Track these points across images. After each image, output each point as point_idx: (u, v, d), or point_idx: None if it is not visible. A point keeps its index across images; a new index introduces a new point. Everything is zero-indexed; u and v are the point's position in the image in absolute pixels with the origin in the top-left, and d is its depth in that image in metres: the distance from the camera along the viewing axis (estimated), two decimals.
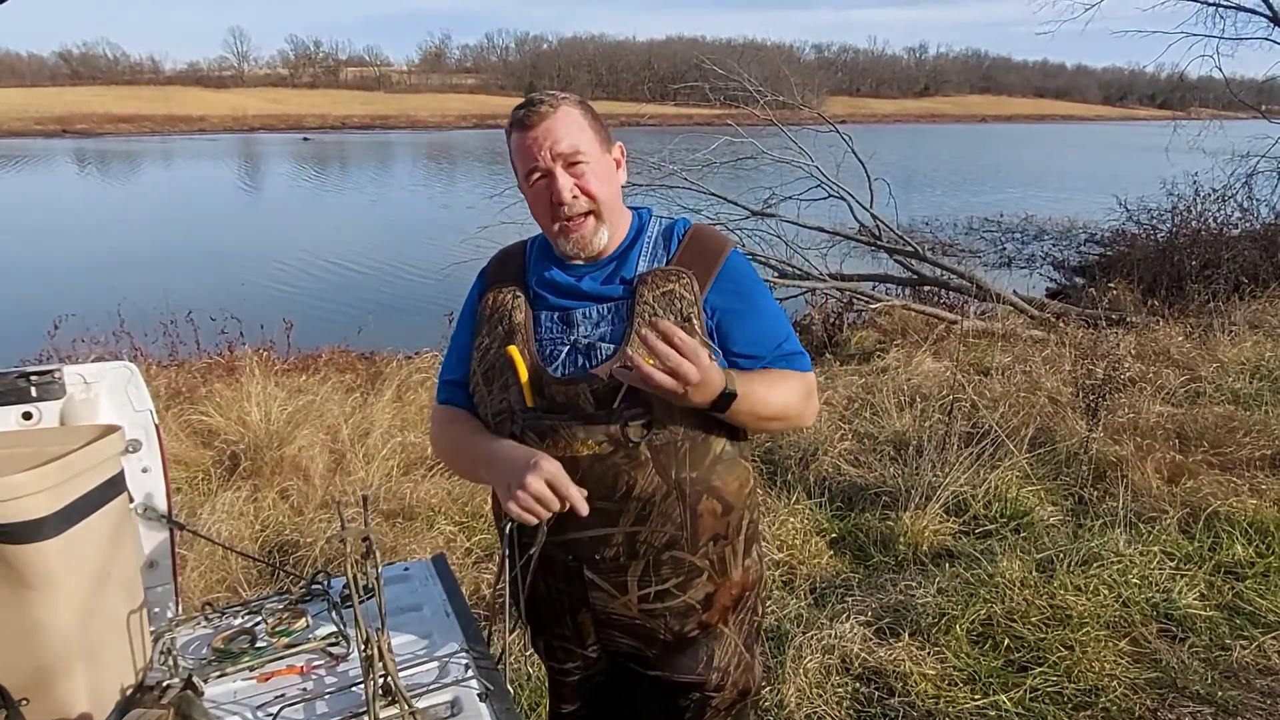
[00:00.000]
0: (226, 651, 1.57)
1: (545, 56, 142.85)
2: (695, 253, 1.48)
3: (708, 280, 1.45)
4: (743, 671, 1.63)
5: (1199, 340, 6.85)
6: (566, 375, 1.43)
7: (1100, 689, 2.69)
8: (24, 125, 58.23)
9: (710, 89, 9.93)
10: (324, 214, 22.80)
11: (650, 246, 1.51)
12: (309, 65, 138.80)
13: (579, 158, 1.42)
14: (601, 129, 1.48)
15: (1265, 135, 11.45)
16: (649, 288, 1.44)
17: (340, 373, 6.64)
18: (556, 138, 1.41)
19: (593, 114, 1.49)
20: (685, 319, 1.41)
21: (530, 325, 1.48)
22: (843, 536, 3.87)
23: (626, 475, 1.41)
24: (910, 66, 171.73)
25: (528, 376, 1.43)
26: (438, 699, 1.41)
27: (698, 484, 1.45)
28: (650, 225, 1.55)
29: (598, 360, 1.42)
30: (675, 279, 1.44)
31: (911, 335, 7.89)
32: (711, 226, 1.62)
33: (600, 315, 1.46)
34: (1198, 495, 4.00)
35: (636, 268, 1.48)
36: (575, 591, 1.54)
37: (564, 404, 1.41)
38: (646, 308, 1.42)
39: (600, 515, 1.43)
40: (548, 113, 1.41)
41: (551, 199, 1.43)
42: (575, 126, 1.43)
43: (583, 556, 1.49)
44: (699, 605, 1.53)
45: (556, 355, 1.45)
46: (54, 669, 1.26)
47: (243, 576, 3.44)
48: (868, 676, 2.77)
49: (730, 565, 1.55)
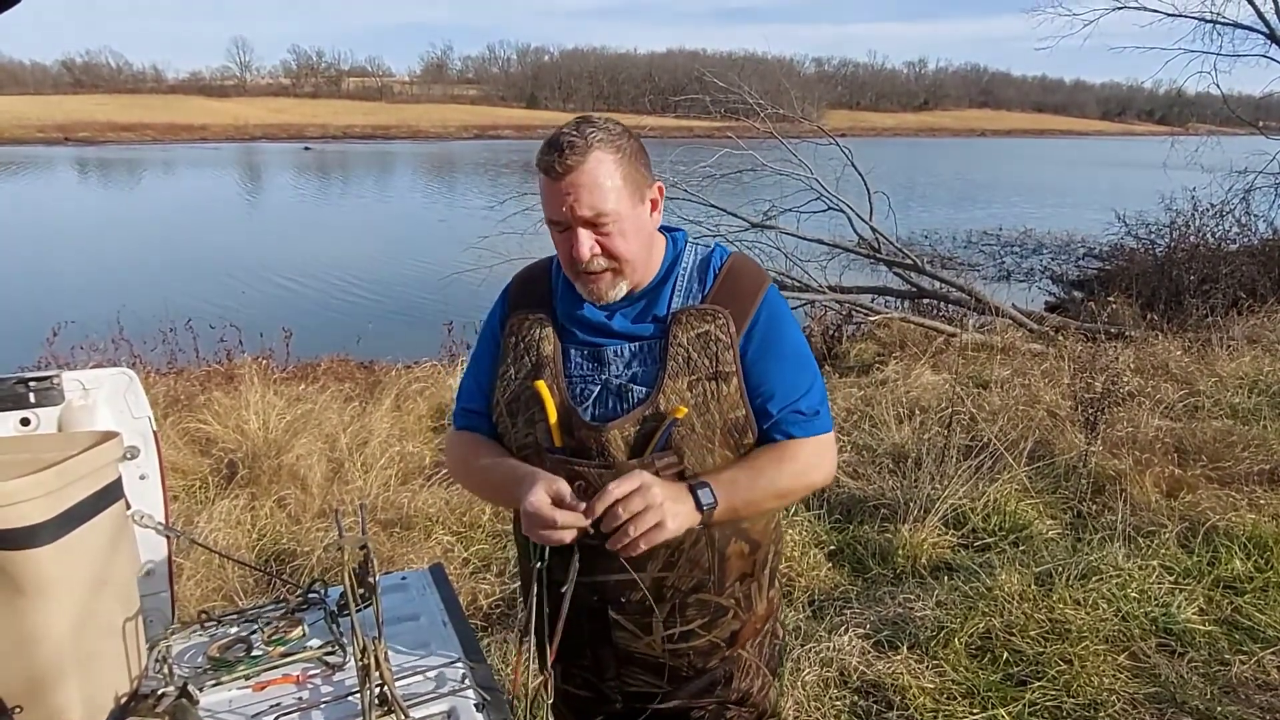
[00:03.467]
0: (222, 660, 1.56)
1: (547, 68, 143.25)
2: (732, 290, 1.40)
3: (744, 321, 1.38)
4: (762, 692, 1.59)
5: (1197, 355, 6.86)
6: (597, 418, 1.37)
7: (1099, 703, 2.68)
8: (27, 133, 58.39)
9: (711, 101, 9.99)
10: (324, 223, 22.86)
11: (685, 280, 1.43)
12: (311, 75, 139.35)
13: (603, 220, 1.32)
14: (638, 170, 1.36)
15: (1263, 151, 11.51)
16: (683, 328, 1.37)
17: (339, 382, 6.63)
18: (579, 198, 1.30)
19: (631, 151, 1.35)
20: (718, 364, 1.35)
21: (559, 359, 1.41)
22: (841, 549, 3.86)
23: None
24: (910, 81, 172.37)
25: (556, 417, 1.38)
26: (434, 709, 1.40)
27: (726, 527, 1.41)
28: (685, 256, 1.45)
29: (630, 403, 1.36)
30: (711, 319, 1.37)
31: (910, 348, 7.90)
32: (748, 259, 1.50)
33: (632, 354, 1.39)
34: (1196, 509, 4.00)
35: (670, 304, 1.40)
36: (598, 629, 1.50)
37: (595, 450, 1.36)
38: (680, 350, 1.36)
39: (629, 560, 1.38)
40: (575, 164, 1.29)
41: (571, 252, 1.35)
42: (603, 181, 1.30)
43: (608, 598, 1.45)
44: (724, 642, 1.51)
45: (587, 395, 1.39)
46: (48, 677, 1.25)
47: (239, 586, 3.42)
48: (866, 689, 2.76)
49: (755, 600, 1.52)
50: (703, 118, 11.06)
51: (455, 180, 36.52)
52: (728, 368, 1.35)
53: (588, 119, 1.35)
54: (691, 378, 1.35)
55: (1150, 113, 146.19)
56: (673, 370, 1.35)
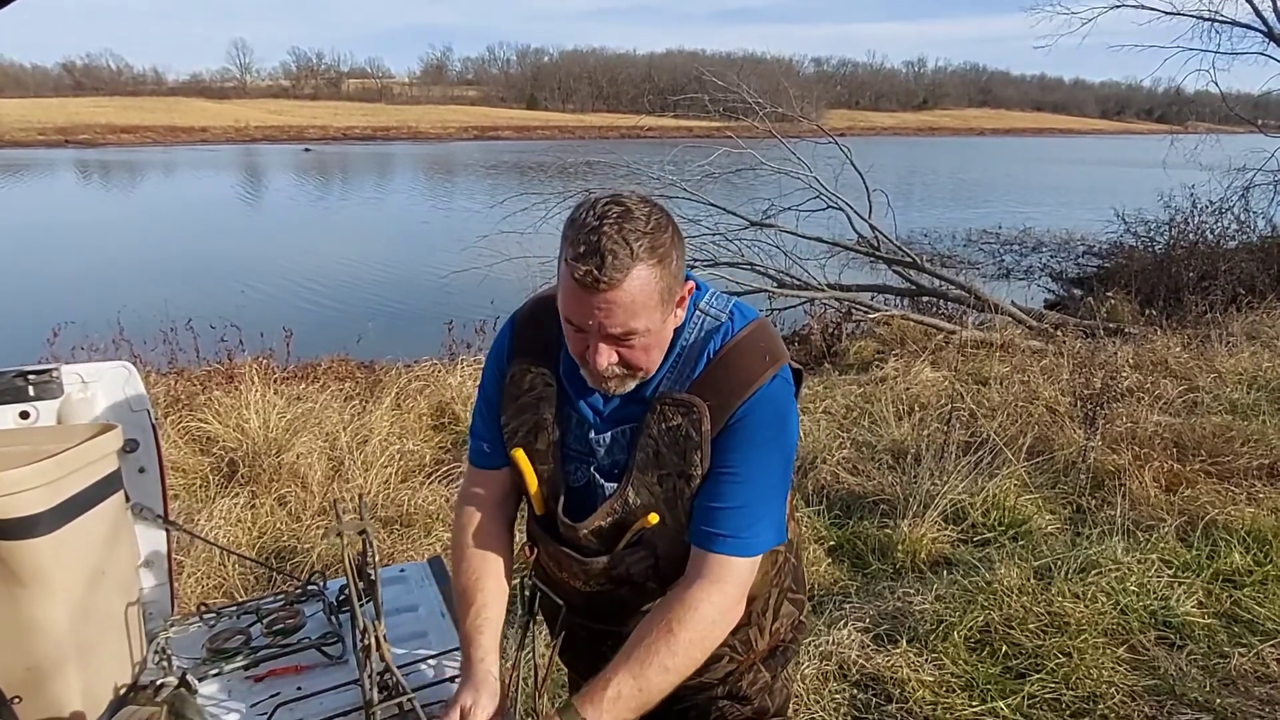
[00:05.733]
0: (221, 651, 1.56)
1: (546, 69, 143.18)
2: (719, 380, 1.26)
3: (721, 419, 1.25)
4: (759, 690, 1.56)
5: (1196, 351, 6.87)
6: (572, 513, 1.35)
7: (1098, 696, 2.68)
8: (27, 135, 58.31)
9: (710, 101, 9.98)
10: (325, 224, 22.85)
11: (678, 360, 1.29)
12: (311, 77, 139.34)
13: (631, 338, 1.20)
14: (676, 277, 1.21)
15: (1261, 149, 11.53)
16: (657, 418, 1.26)
17: (339, 381, 6.62)
18: (611, 316, 1.17)
19: (674, 255, 1.20)
20: (684, 463, 1.26)
21: (557, 426, 1.35)
22: (841, 544, 3.87)
23: (633, 603, 1.38)
24: (909, 80, 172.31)
25: (535, 488, 1.37)
26: (434, 696, 1.40)
27: None
28: (687, 329, 1.31)
29: (602, 495, 1.32)
30: (685, 414, 1.25)
31: (910, 345, 7.90)
32: (759, 337, 1.30)
33: (613, 440, 1.32)
34: (1195, 504, 4.00)
35: (657, 386, 1.29)
36: (590, 653, 1.49)
37: (568, 539, 1.36)
38: (650, 443, 1.27)
39: (610, 620, 1.41)
40: (615, 282, 1.14)
41: (584, 355, 1.24)
42: (641, 300, 1.17)
43: (596, 638, 1.46)
44: (718, 682, 1.50)
45: (579, 478, 1.36)
46: (47, 667, 1.26)
47: (239, 582, 3.43)
48: (865, 683, 2.76)
49: (755, 640, 1.50)
50: (702, 118, 11.03)
51: (455, 181, 36.54)
52: (694, 470, 1.26)
53: (630, 213, 1.16)
54: (661, 473, 1.27)
55: (1149, 111, 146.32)
56: (641, 463, 1.28)
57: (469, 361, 6.68)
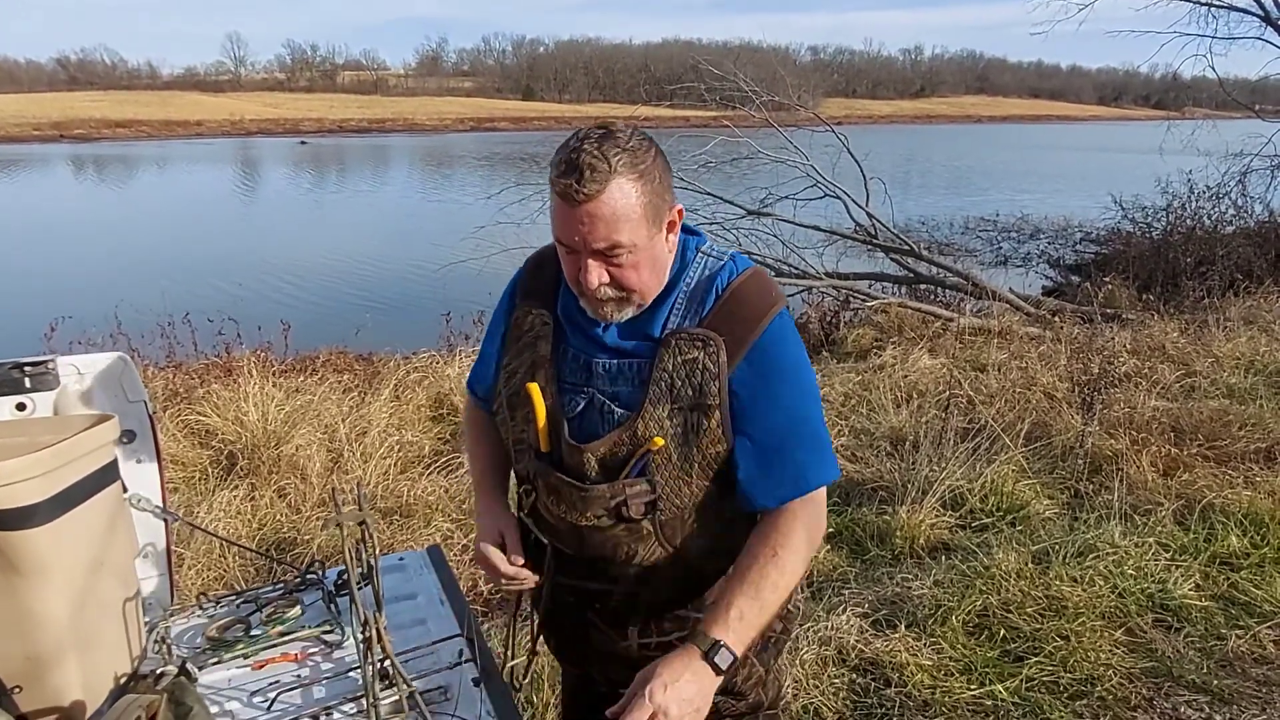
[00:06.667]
0: (221, 640, 1.57)
1: (542, 60, 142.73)
2: (731, 315, 1.29)
3: (739, 352, 1.28)
4: (753, 684, 1.55)
5: (1194, 336, 6.88)
6: (578, 435, 1.34)
7: (1096, 678, 2.70)
8: (22, 131, 58.11)
9: (706, 90, 9.95)
10: (321, 217, 22.80)
11: (685, 299, 1.32)
12: (306, 69, 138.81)
13: (617, 252, 1.23)
14: (660, 195, 1.25)
15: (1259, 134, 11.50)
16: (671, 353, 1.28)
17: (338, 373, 6.62)
18: (594, 230, 1.21)
19: (657, 173, 1.24)
20: (702, 395, 1.27)
21: (554, 362, 1.37)
22: (840, 531, 3.88)
23: (627, 546, 1.35)
24: (906, 68, 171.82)
25: (544, 422, 1.36)
26: (433, 683, 1.41)
27: (704, 549, 1.37)
28: (691, 269, 1.35)
29: (610, 423, 1.31)
30: (701, 346, 1.27)
31: (908, 333, 7.91)
32: (762, 278, 1.36)
33: (619, 371, 1.33)
34: (1193, 488, 4.01)
35: (665, 324, 1.31)
36: (577, 627, 1.50)
37: (572, 467, 1.34)
38: (665, 375, 1.28)
39: (600, 575, 1.40)
40: (594, 193, 1.18)
41: (578, 276, 1.27)
42: (622, 212, 1.20)
43: (584, 603, 1.45)
44: None
45: (574, 406, 1.35)
46: (47, 657, 1.26)
47: (240, 574, 3.44)
48: (864, 667, 2.77)
49: None
50: (698, 107, 10.98)
51: (452, 172, 36.46)
52: (711, 400, 1.27)
53: (611, 133, 1.22)
54: (673, 406, 1.28)
55: (1146, 97, 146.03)
56: (655, 396, 1.28)
57: (467, 352, 6.68)
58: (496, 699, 1.38)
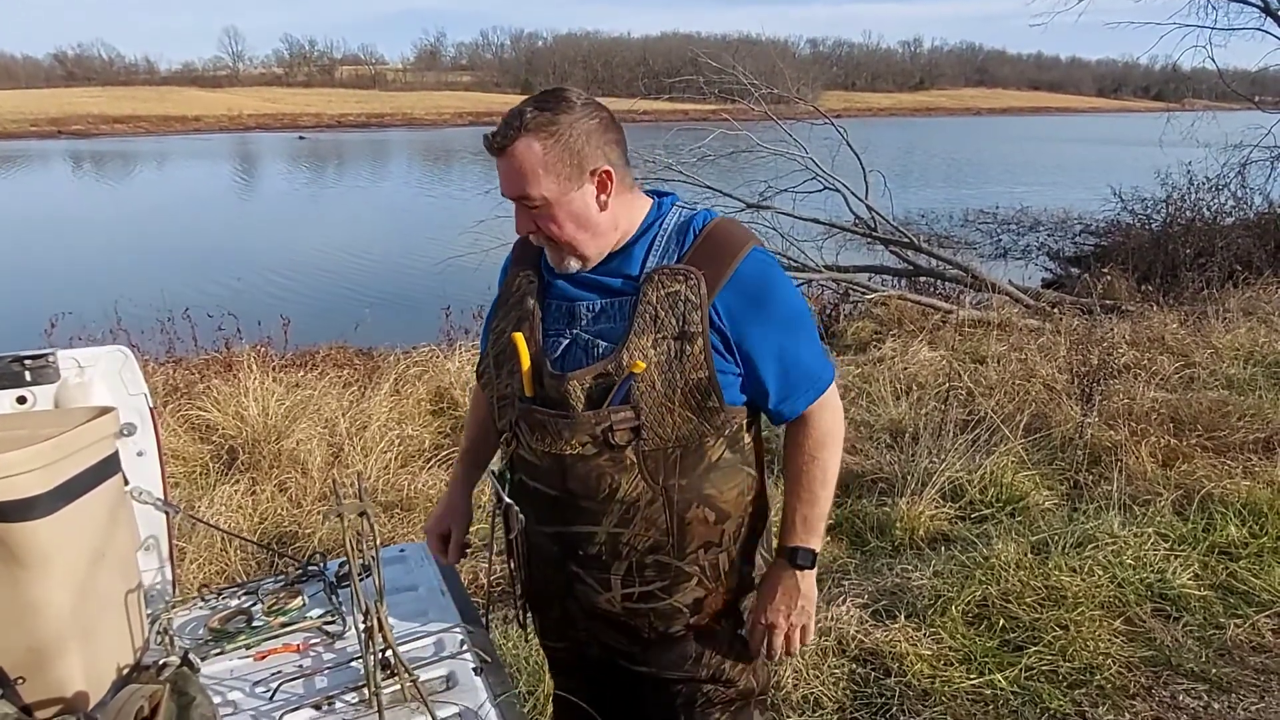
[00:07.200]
0: (223, 631, 1.58)
1: (541, 53, 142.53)
2: (710, 251, 1.38)
3: (718, 282, 1.35)
4: (742, 672, 1.58)
5: (1193, 327, 6.87)
6: (561, 368, 1.39)
7: (1095, 667, 2.71)
8: (20, 127, 58.04)
9: (705, 83, 9.92)
10: (320, 212, 22.80)
11: (662, 242, 1.41)
12: (304, 64, 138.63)
13: (529, 203, 1.34)
14: (576, 153, 1.33)
15: (1258, 125, 11.48)
16: (654, 287, 1.35)
17: (338, 368, 6.63)
18: (506, 181, 1.35)
19: (574, 133, 1.32)
20: (684, 323, 1.34)
21: (539, 313, 1.44)
22: (839, 523, 3.88)
23: (610, 478, 1.38)
24: (905, 60, 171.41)
25: (528, 365, 1.41)
26: (434, 673, 1.42)
27: (687, 491, 1.41)
28: (668, 217, 1.44)
29: (594, 355, 1.37)
30: (683, 279, 1.35)
31: (907, 325, 7.91)
32: (734, 222, 1.47)
33: (602, 308, 1.40)
34: (1192, 478, 4.01)
35: (644, 264, 1.39)
36: (562, 580, 1.52)
37: (556, 399, 1.38)
38: (649, 308, 1.34)
39: (584, 512, 1.42)
40: (501, 146, 1.32)
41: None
42: (528, 167, 1.31)
43: (567, 550, 1.48)
44: (686, 609, 1.50)
45: (557, 348, 1.41)
46: (49, 648, 1.26)
47: (241, 568, 3.45)
48: (864, 657, 2.78)
49: (724, 572, 1.51)
50: (697, 101, 10.96)
51: (450, 166, 36.40)
52: (694, 328, 1.34)
53: (542, 99, 1.34)
54: (657, 335, 1.34)
55: (1146, 89, 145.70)
56: (639, 327, 1.34)
57: (467, 346, 6.68)
58: (497, 688, 1.38)
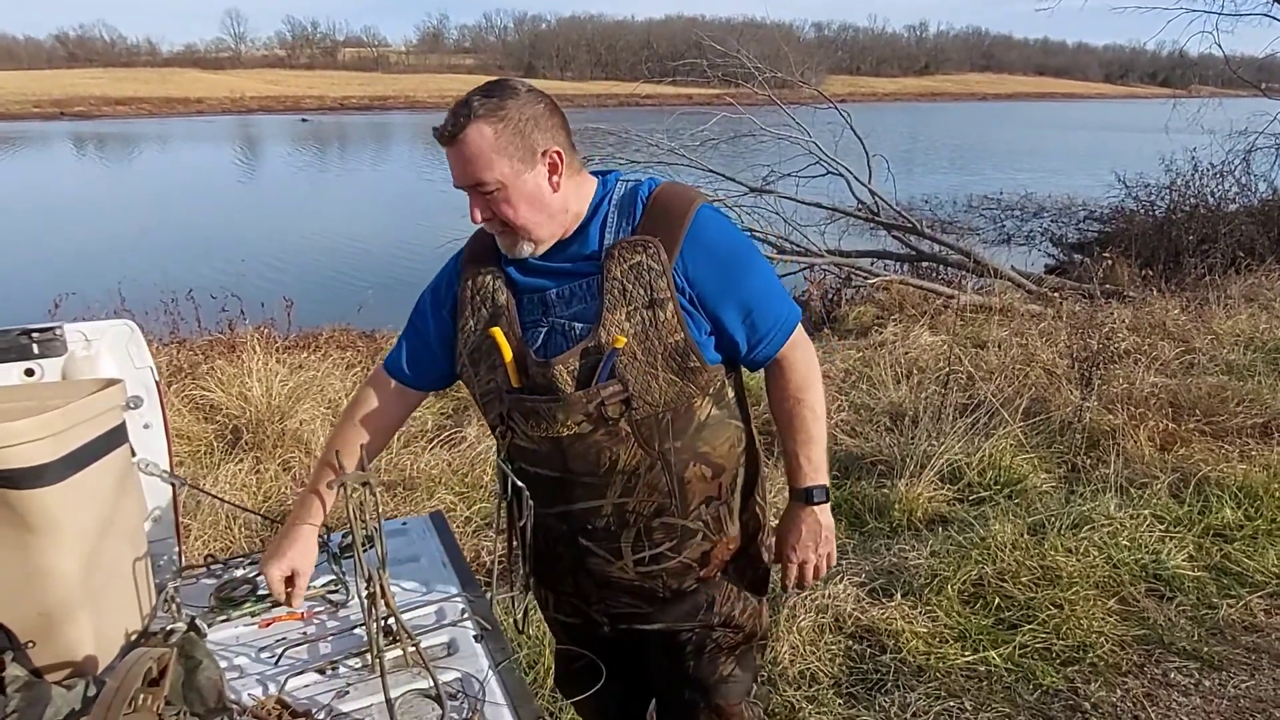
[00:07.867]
0: (229, 600, 1.61)
1: (544, 36, 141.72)
2: (659, 218, 1.42)
3: (675, 246, 1.40)
4: (749, 616, 1.66)
5: (1194, 313, 6.87)
6: (543, 357, 1.42)
7: (1088, 645, 2.74)
8: (22, 108, 57.92)
9: (709, 67, 9.88)
10: (323, 194, 22.77)
11: (613, 217, 1.45)
12: (306, 46, 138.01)
13: (484, 189, 1.36)
14: (526, 137, 1.36)
15: (1264, 112, 11.42)
16: (616, 262, 1.39)
17: (340, 350, 6.66)
18: (459, 168, 1.37)
19: (522, 118, 1.36)
20: (652, 291, 1.38)
21: (513, 307, 1.47)
22: (839, 504, 3.90)
23: (609, 451, 1.42)
24: (911, 45, 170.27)
25: (511, 357, 1.43)
26: (435, 639, 1.45)
27: (683, 452, 1.45)
28: (614, 192, 1.47)
29: (573, 339, 1.41)
30: (642, 249, 1.39)
31: (909, 310, 7.91)
32: (678, 184, 1.52)
33: (572, 293, 1.43)
34: (1189, 462, 4.04)
35: (601, 241, 1.43)
36: (574, 556, 1.57)
37: (545, 385, 1.41)
38: (615, 283, 1.38)
39: (587, 489, 1.47)
40: (453, 134, 1.34)
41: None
42: (479, 153, 1.34)
43: (576, 526, 1.53)
44: (695, 563, 1.56)
45: (537, 338, 1.44)
46: (59, 614, 1.29)
47: (245, 544, 3.48)
48: (860, 635, 2.82)
49: (726, 522, 1.57)
50: (701, 84, 10.93)
51: None
52: (662, 294, 1.38)
53: (487, 88, 1.38)
54: (629, 308, 1.38)
55: (1153, 75, 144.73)
56: (610, 303, 1.38)
57: None
58: (497, 655, 1.41)
